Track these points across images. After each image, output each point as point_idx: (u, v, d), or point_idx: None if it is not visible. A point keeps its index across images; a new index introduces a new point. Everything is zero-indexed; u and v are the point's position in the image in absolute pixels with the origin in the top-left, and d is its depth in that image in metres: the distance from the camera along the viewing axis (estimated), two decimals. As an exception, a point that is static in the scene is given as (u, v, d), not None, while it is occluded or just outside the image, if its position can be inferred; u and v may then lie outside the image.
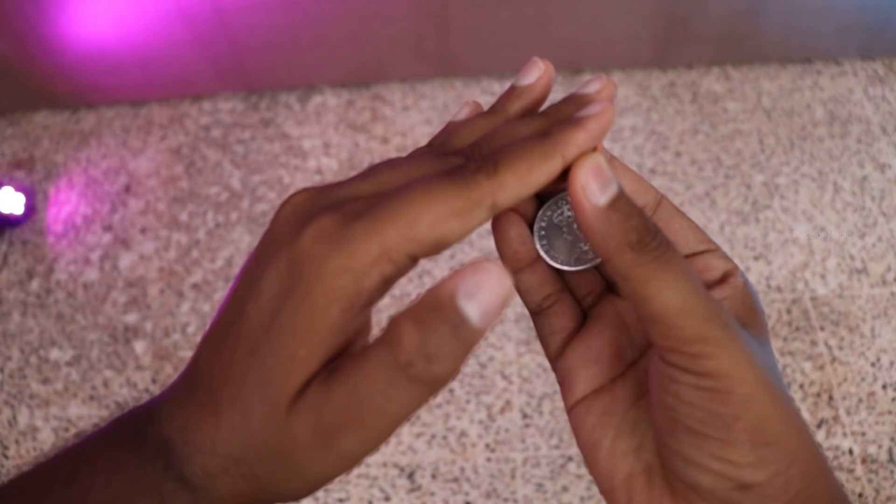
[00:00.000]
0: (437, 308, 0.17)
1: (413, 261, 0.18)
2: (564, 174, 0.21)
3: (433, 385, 0.17)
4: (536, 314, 0.26)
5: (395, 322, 0.18)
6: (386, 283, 0.18)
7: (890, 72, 1.36)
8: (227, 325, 0.19)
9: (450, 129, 0.24)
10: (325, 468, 0.18)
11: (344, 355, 0.18)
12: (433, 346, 0.17)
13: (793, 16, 1.29)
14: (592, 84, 0.23)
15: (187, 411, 0.19)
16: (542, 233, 0.24)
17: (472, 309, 0.17)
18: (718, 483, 0.20)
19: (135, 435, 0.20)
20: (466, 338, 0.17)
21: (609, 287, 0.26)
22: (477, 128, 0.23)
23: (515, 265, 0.25)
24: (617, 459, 0.23)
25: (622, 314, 0.25)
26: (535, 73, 0.24)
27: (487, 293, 0.17)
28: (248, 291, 0.19)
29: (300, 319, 0.18)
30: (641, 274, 0.19)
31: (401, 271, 0.18)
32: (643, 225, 0.20)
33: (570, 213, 0.24)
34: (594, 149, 0.21)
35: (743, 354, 0.19)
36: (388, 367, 0.17)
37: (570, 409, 0.24)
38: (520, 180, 0.19)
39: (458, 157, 0.21)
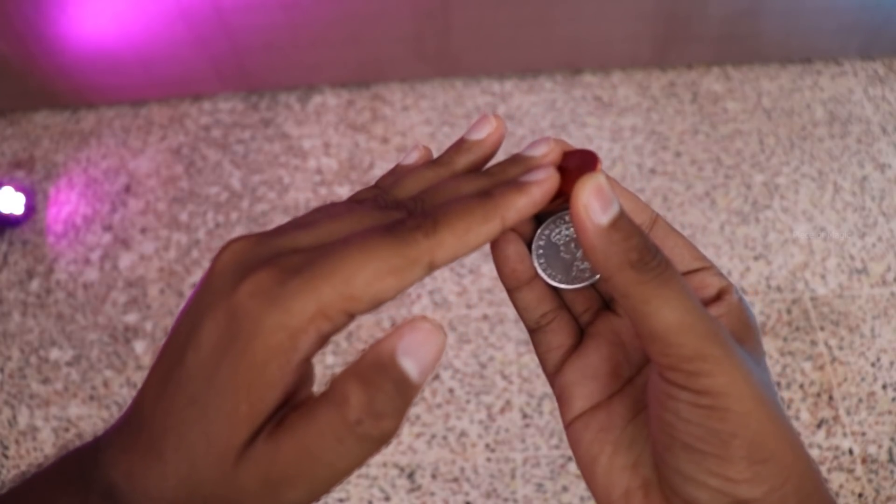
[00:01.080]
0: (380, 367, 0.18)
1: (350, 317, 0.18)
2: (559, 194, 0.21)
3: (380, 441, 0.18)
4: (534, 331, 0.26)
5: (339, 381, 0.18)
6: (322, 340, 0.18)
7: (890, 72, 1.36)
8: (168, 371, 0.19)
9: (397, 174, 0.24)
10: None
11: (289, 408, 0.19)
12: (380, 403, 0.18)
13: (793, 16, 1.29)
14: (539, 146, 0.23)
15: (132, 457, 0.19)
16: (541, 251, 0.25)
17: (411, 366, 0.18)
18: (715, 499, 0.20)
19: (80, 479, 0.19)
20: (407, 393, 0.18)
21: (606, 304, 0.26)
22: (422, 179, 0.23)
23: (513, 283, 0.25)
24: (615, 475, 0.23)
25: (619, 332, 0.25)
26: (486, 129, 0.24)
27: (425, 351, 0.18)
28: (188, 339, 0.19)
29: (240, 375, 0.18)
30: (642, 292, 0.20)
31: (337, 328, 0.18)
32: (644, 244, 0.20)
33: (567, 232, 0.25)
34: (594, 168, 0.21)
35: (740, 372, 0.20)
36: (337, 426, 0.18)
37: (568, 425, 0.25)
38: (458, 240, 0.19)
39: (399, 211, 0.21)
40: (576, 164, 0.23)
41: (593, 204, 0.20)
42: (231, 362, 0.18)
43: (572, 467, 0.99)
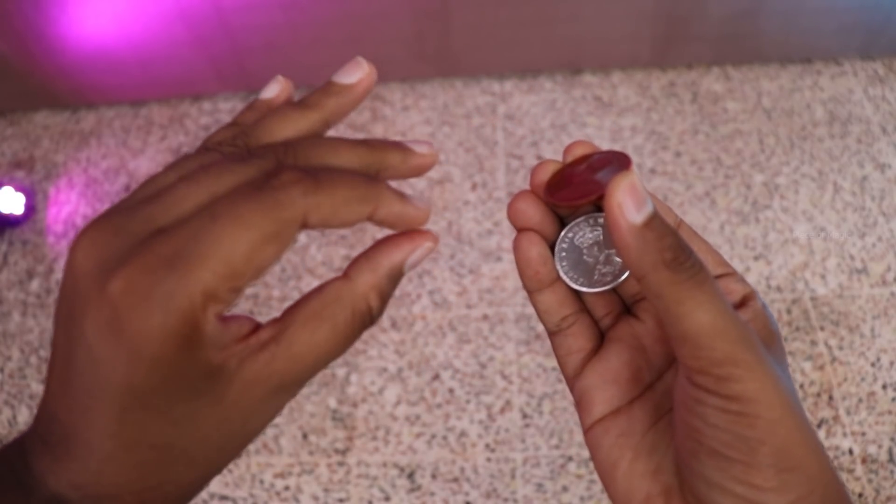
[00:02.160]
0: (392, 277, 0.21)
1: (240, 291, 0.18)
2: (582, 195, 0.21)
3: (374, 320, 0.21)
4: (554, 334, 0.26)
5: (361, 291, 0.21)
6: (221, 315, 0.18)
7: (890, 72, 1.36)
8: (66, 375, 0.18)
9: (258, 110, 0.23)
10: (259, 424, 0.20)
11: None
12: (385, 297, 0.21)
13: (793, 16, 1.29)
14: (422, 146, 0.23)
15: (69, 466, 0.19)
16: (563, 254, 0.25)
17: (409, 269, 0.22)
18: None
19: (18, 487, 0.19)
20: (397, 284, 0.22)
21: (627, 309, 0.26)
22: (290, 122, 0.22)
23: (536, 285, 0.25)
24: (635, 480, 0.23)
25: (640, 336, 0.25)
26: (358, 74, 0.23)
27: (421, 259, 0.22)
28: (72, 346, 0.18)
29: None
30: (676, 292, 0.19)
31: (231, 303, 0.18)
32: (678, 244, 0.20)
33: (591, 235, 0.25)
34: (627, 168, 0.21)
35: (770, 379, 0.19)
36: (351, 296, 0.20)
37: (588, 430, 0.25)
38: (333, 210, 0.19)
39: (265, 160, 0.20)
40: (606, 165, 0.23)
41: (627, 203, 0.20)
42: (145, 372, 0.17)
43: (572, 467, 0.99)
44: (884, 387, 1.02)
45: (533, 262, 0.24)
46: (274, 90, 0.24)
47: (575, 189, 0.23)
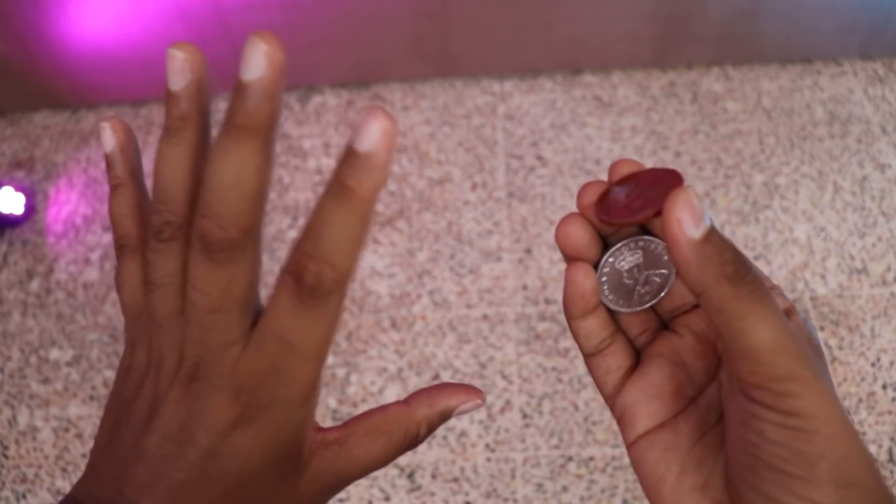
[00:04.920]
0: (443, 417, 0.25)
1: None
2: (637, 212, 0.22)
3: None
4: (592, 356, 0.26)
5: (415, 429, 0.24)
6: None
7: (890, 72, 1.36)
8: (161, 470, 0.20)
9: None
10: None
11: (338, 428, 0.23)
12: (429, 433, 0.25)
13: (793, 16, 1.29)
14: (254, 57, 0.18)
15: None
16: (604, 278, 0.25)
17: (457, 415, 0.26)
18: None
19: None
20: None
21: (664, 325, 0.26)
22: (178, 160, 0.20)
23: (581, 311, 0.25)
24: (683, 495, 0.23)
25: (680, 351, 0.25)
26: (186, 68, 0.20)
27: (470, 410, 0.25)
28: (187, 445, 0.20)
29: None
30: (737, 307, 0.19)
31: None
32: (738, 258, 0.20)
33: (632, 259, 0.25)
34: (679, 184, 0.21)
35: (828, 395, 0.19)
36: (404, 442, 0.24)
37: (631, 445, 0.25)
38: (356, 259, 0.19)
39: (234, 246, 0.18)
40: (657, 182, 0.23)
41: (686, 218, 0.19)
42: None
43: (572, 467, 0.99)
44: (884, 387, 1.02)
45: (587, 295, 0.24)
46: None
47: (629, 207, 0.23)
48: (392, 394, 1.07)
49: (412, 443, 0.24)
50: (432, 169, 1.30)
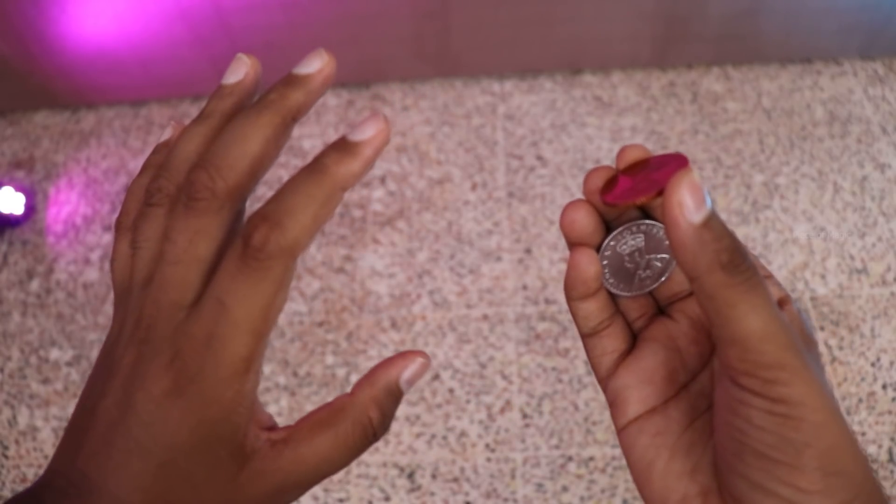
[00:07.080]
0: (390, 393, 0.23)
1: (267, 341, 0.20)
2: (641, 193, 0.21)
3: (377, 440, 0.23)
4: (589, 336, 0.26)
5: (361, 406, 0.22)
6: (256, 399, 0.21)
7: (890, 72, 1.36)
8: (109, 436, 0.20)
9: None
10: None
11: (288, 427, 0.22)
12: (388, 418, 0.23)
13: (793, 16, 1.29)
14: (313, 61, 0.22)
15: None
16: (605, 262, 0.25)
17: (407, 387, 0.23)
18: None
19: None
20: (399, 403, 0.24)
21: (660, 310, 0.26)
22: (196, 136, 0.22)
23: (583, 294, 0.25)
24: (671, 481, 0.23)
25: (675, 337, 0.25)
26: (243, 70, 0.23)
27: (418, 377, 0.23)
28: (127, 412, 0.20)
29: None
30: (730, 295, 0.19)
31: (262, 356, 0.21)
32: (734, 246, 0.20)
33: (634, 242, 0.25)
34: (685, 165, 0.21)
35: (816, 383, 0.19)
36: (359, 438, 0.22)
37: (622, 429, 0.25)
38: (309, 231, 0.19)
39: (210, 200, 0.20)
40: (663, 166, 0.23)
41: (688, 201, 0.19)
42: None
43: (572, 467, 0.99)
44: (884, 387, 1.02)
45: (589, 280, 0.24)
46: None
47: (633, 188, 0.23)
48: (392, 394, 1.07)
49: (367, 432, 0.22)
50: (432, 169, 1.30)
